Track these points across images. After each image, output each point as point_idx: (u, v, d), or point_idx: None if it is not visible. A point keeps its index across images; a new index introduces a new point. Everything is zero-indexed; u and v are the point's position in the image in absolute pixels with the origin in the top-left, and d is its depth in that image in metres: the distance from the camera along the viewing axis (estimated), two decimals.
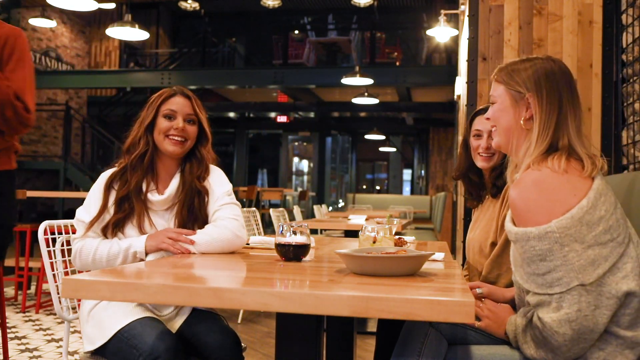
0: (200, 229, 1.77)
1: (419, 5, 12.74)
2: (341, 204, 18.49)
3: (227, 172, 1.98)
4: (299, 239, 1.50)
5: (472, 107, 2.98)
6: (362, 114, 14.19)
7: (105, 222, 1.74)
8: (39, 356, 3.10)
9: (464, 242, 2.23)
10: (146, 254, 1.70)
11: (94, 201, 1.78)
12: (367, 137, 15.71)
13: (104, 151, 11.53)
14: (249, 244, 1.90)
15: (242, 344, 1.74)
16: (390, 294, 1.02)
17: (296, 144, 19.78)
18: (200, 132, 1.86)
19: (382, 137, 15.55)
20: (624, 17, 2.69)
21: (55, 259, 1.87)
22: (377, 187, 20.48)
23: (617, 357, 1.29)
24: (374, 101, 9.46)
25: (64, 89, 11.88)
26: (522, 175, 1.35)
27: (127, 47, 13.20)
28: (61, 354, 3.13)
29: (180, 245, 1.67)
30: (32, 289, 5.04)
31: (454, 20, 6.61)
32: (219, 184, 1.87)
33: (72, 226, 1.99)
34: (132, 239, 1.72)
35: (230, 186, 1.90)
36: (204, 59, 12.45)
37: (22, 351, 3.18)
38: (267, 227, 9.99)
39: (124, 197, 1.75)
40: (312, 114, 14.60)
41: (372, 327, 3.74)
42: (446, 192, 9.38)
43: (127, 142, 1.83)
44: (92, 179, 10.24)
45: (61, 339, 3.44)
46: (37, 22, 9.23)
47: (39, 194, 5.32)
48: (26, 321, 3.90)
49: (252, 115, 14.82)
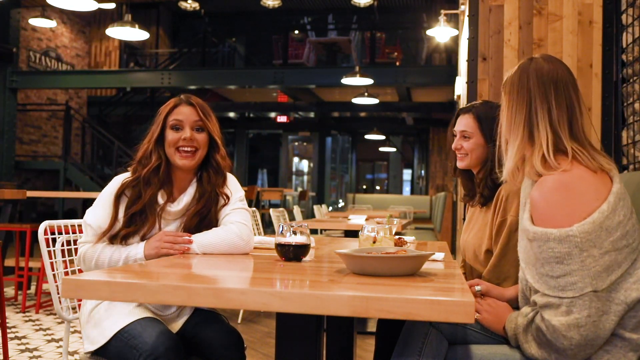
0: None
1: (419, 5, 12.73)
2: (341, 204, 18.49)
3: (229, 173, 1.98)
4: (299, 239, 1.51)
5: None
6: (362, 114, 14.19)
7: (114, 232, 1.71)
8: (39, 356, 3.10)
9: (460, 241, 2.22)
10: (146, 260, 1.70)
11: (103, 208, 1.74)
12: (367, 137, 15.71)
13: (104, 151, 11.52)
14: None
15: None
16: (390, 294, 1.02)
17: (296, 144, 19.78)
18: (211, 139, 1.83)
19: (382, 137, 15.56)
20: (624, 17, 2.69)
21: (55, 259, 1.87)
22: (377, 187, 20.48)
23: (621, 359, 1.29)
24: (374, 101, 9.46)
25: (64, 89, 11.88)
26: (545, 176, 1.33)
27: (127, 47, 13.19)
28: (61, 354, 3.13)
29: (180, 246, 1.66)
30: (32, 289, 5.04)
31: (454, 20, 6.61)
32: (233, 190, 1.87)
33: (73, 226, 1.99)
34: (131, 247, 1.70)
35: (243, 192, 1.90)
36: (204, 59, 12.44)
37: (22, 351, 3.18)
38: (267, 227, 9.99)
39: (137, 212, 1.72)
40: (312, 114, 14.60)
41: (372, 327, 3.74)
42: (446, 192, 9.38)
43: (139, 155, 1.79)
44: (92, 179, 10.25)
45: (61, 339, 3.44)
46: (37, 22, 9.23)
47: (39, 194, 5.33)
48: (26, 321, 3.90)
49: (252, 115, 14.82)
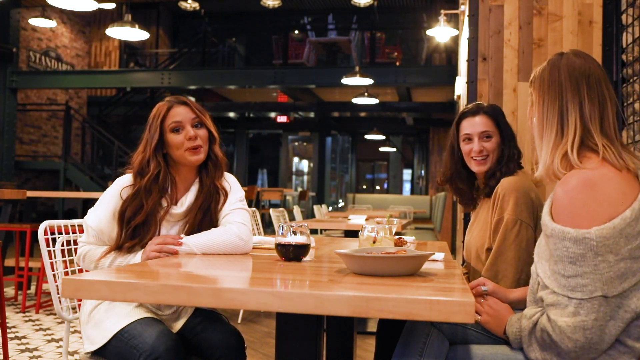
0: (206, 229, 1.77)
1: (419, 5, 12.73)
2: (341, 204, 18.50)
3: (227, 171, 1.98)
4: (299, 239, 1.51)
5: None
6: (362, 114, 14.19)
7: (120, 244, 1.71)
8: (39, 356, 3.10)
9: (464, 242, 2.22)
10: None
11: (104, 211, 1.74)
12: (367, 137, 15.72)
13: (104, 151, 11.53)
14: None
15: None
16: (390, 294, 1.02)
17: (296, 144, 19.78)
18: (209, 133, 1.85)
19: (382, 137, 15.55)
20: (624, 17, 2.69)
21: (55, 259, 1.87)
22: (377, 187, 20.48)
23: None
24: (374, 101, 9.46)
25: (64, 89, 11.88)
26: (571, 172, 1.31)
27: (127, 47, 13.18)
28: (61, 354, 3.13)
29: (168, 247, 1.64)
30: (32, 289, 5.04)
31: (454, 20, 6.61)
32: (233, 190, 1.87)
33: (73, 226, 1.99)
34: (130, 257, 1.70)
35: (243, 193, 1.90)
36: (204, 59, 12.45)
37: (22, 351, 3.18)
38: (267, 227, 9.99)
39: (141, 223, 1.71)
40: (312, 114, 14.59)
41: (372, 327, 3.74)
42: (446, 192, 9.38)
43: (136, 165, 1.78)
44: (92, 179, 10.24)
45: (61, 339, 3.44)
46: (37, 22, 9.23)
47: (39, 194, 5.33)
48: (26, 321, 3.90)
49: (252, 115, 14.81)
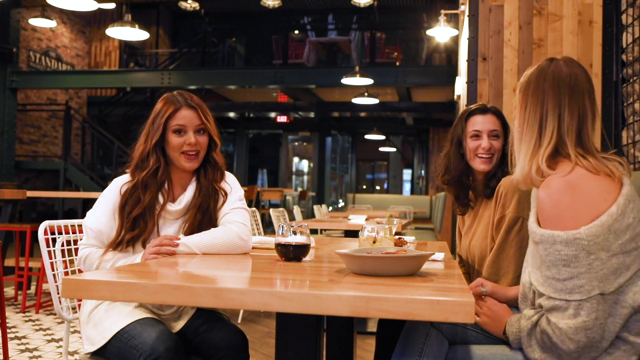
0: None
1: (419, 5, 12.73)
2: (341, 204, 18.50)
3: (227, 171, 1.98)
4: (299, 239, 1.50)
5: None
6: (362, 114, 14.19)
7: (119, 239, 1.71)
8: (39, 356, 3.10)
9: (460, 243, 2.20)
10: None
11: (103, 212, 1.74)
12: (367, 137, 15.71)
13: (104, 151, 11.53)
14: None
15: None
16: (390, 294, 1.02)
17: (296, 144, 19.78)
18: (210, 138, 1.84)
19: (382, 137, 15.55)
20: (624, 17, 2.69)
21: (55, 259, 1.87)
22: (377, 187, 20.48)
23: None
24: (374, 101, 9.46)
25: (64, 89, 11.88)
26: (551, 176, 1.31)
27: (127, 47, 13.19)
28: (61, 354, 3.13)
29: (165, 248, 1.64)
30: (32, 289, 5.04)
31: (454, 20, 6.61)
32: (233, 189, 1.87)
33: (73, 226, 1.99)
34: (131, 258, 1.71)
35: (242, 192, 1.90)
36: (204, 59, 12.45)
37: (22, 351, 3.18)
38: (267, 227, 9.99)
39: (139, 215, 1.72)
40: (312, 114, 14.59)
41: (372, 327, 3.74)
42: (446, 192, 9.37)
43: (136, 157, 1.78)
44: (92, 179, 10.24)
45: (61, 339, 3.44)
46: (37, 22, 9.23)
47: (39, 194, 5.33)
48: (26, 321, 3.90)
49: (252, 115, 14.82)
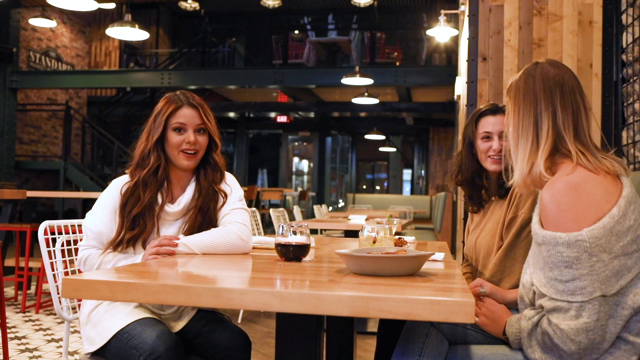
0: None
1: (419, 5, 12.73)
2: (341, 204, 18.49)
3: (227, 172, 1.98)
4: (299, 239, 1.50)
5: (472, 107, 2.98)
6: (362, 114, 14.18)
7: (119, 238, 1.71)
8: (39, 356, 3.10)
9: (464, 242, 2.21)
10: None
11: (103, 213, 1.74)
12: (367, 137, 15.71)
13: (104, 151, 11.52)
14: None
15: None
16: (390, 294, 1.02)
17: (296, 144, 19.77)
18: (210, 139, 1.84)
19: (382, 137, 15.55)
20: (624, 17, 2.69)
21: (55, 259, 1.86)
22: (377, 187, 20.48)
23: None
24: (374, 101, 9.46)
25: (64, 89, 11.88)
26: (554, 177, 1.32)
27: (127, 47, 13.18)
28: (61, 354, 3.13)
29: (165, 249, 1.64)
30: (32, 289, 5.04)
31: (454, 20, 6.61)
32: (233, 190, 1.87)
33: (73, 226, 1.99)
34: (132, 259, 1.71)
35: (242, 192, 1.90)
36: (204, 59, 12.44)
37: (22, 351, 3.18)
38: (267, 227, 9.99)
39: (138, 214, 1.72)
40: (312, 114, 14.59)
41: (372, 327, 3.74)
42: (446, 192, 9.38)
43: (137, 155, 1.79)
44: (92, 179, 10.24)
45: (61, 339, 3.44)
46: (37, 22, 9.22)
47: (39, 194, 5.33)
48: (26, 321, 3.90)
49: (252, 115, 14.81)
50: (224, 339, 1.69)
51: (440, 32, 6.06)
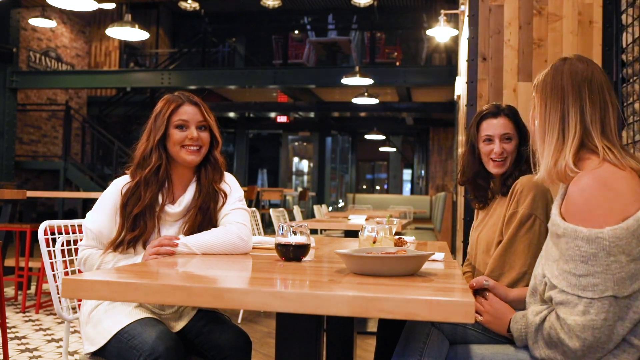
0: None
1: (419, 5, 12.73)
2: (341, 204, 18.49)
3: (227, 172, 1.98)
4: (299, 239, 1.50)
5: (472, 107, 2.98)
6: (362, 114, 14.19)
7: (119, 239, 1.72)
8: (39, 356, 3.10)
9: (464, 242, 2.22)
10: None
11: (103, 213, 1.75)
12: (367, 137, 15.72)
13: (104, 151, 11.52)
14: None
15: None
16: (390, 294, 1.02)
17: (296, 144, 19.77)
18: (211, 136, 1.85)
19: (382, 137, 15.55)
20: (624, 17, 2.69)
21: (55, 259, 1.87)
22: (377, 187, 20.48)
23: None
24: (374, 101, 9.46)
25: (64, 89, 11.88)
26: (582, 172, 1.32)
27: (127, 47, 13.19)
28: (61, 354, 3.13)
29: (165, 249, 1.64)
30: (32, 289, 5.04)
31: (454, 20, 6.61)
32: (233, 190, 1.88)
33: (73, 226, 1.99)
34: (132, 259, 1.71)
35: (242, 192, 1.90)
36: (204, 59, 12.44)
37: (22, 351, 3.18)
38: (267, 227, 9.99)
39: (139, 214, 1.72)
40: (312, 114, 14.59)
41: (372, 327, 3.74)
42: (446, 192, 9.38)
43: (138, 155, 1.79)
44: (92, 179, 10.24)
45: (61, 339, 3.44)
46: (37, 22, 9.22)
47: (39, 194, 5.32)
48: (26, 321, 3.90)
49: (252, 115, 14.81)
50: (225, 339, 1.69)
51: (440, 32, 6.06)
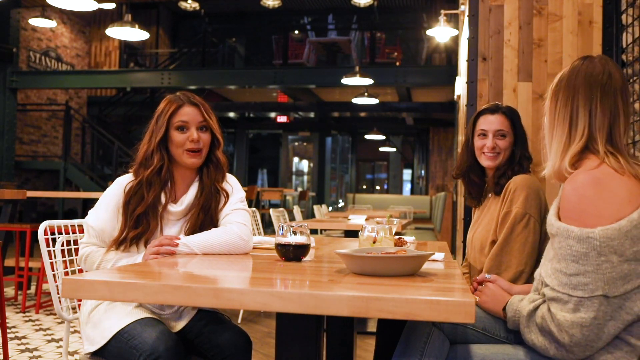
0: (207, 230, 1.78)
1: (419, 5, 12.73)
2: (341, 204, 18.49)
3: (228, 172, 1.98)
4: (299, 239, 1.51)
5: (472, 107, 2.98)
6: (362, 114, 14.18)
7: (122, 237, 1.72)
8: (39, 356, 3.10)
9: (464, 242, 2.23)
10: None
11: (105, 211, 1.75)
12: (367, 137, 15.71)
13: (104, 151, 11.52)
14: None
15: None
16: (390, 294, 1.02)
17: (296, 144, 19.77)
18: (212, 137, 1.85)
19: (382, 137, 15.55)
20: (624, 17, 2.69)
21: (55, 259, 1.87)
22: (377, 187, 20.48)
23: None
24: (374, 101, 9.46)
25: (64, 89, 11.87)
26: (578, 170, 1.33)
27: (127, 47, 13.18)
28: (61, 354, 3.13)
29: (165, 249, 1.65)
30: (32, 289, 5.04)
31: (454, 20, 6.61)
32: (234, 190, 1.88)
33: (73, 226, 1.99)
34: (133, 259, 1.71)
35: (243, 193, 1.91)
36: (204, 59, 12.43)
37: (22, 351, 3.18)
38: (267, 227, 9.99)
39: (142, 213, 1.73)
40: (312, 114, 14.59)
41: (372, 327, 3.74)
42: (446, 192, 9.38)
43: (140, 156, 1.80)
44: (92, 179, 10.23)
45: (61, 339, 3.44)
46: (37, 22, 9.22)
47: (39, 194, 5.32)
48: (26, 321, 3.90)
49: (252, 115, 14.81)
50: (225, 339, 1.69)
51: (440, 32, 6.06)
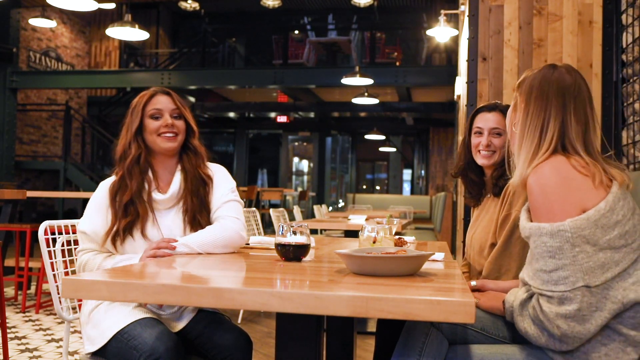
0: (206, 219, 1.81)
1: (419, 5, 12.72)
2: (341, 204, 18.49)
3: (221, 165, 2.00)
4: (299, 239, 1.51)
5: (472, 107, 2.98)
6: (362, 114, 14.18)
7: (115, 228, 1.74)
8: (39, 356, 3.10)
9: (464, 241, 2.23)
10: None
11: (96, 213, 1.78)
12: (367, 137, 15.70)
13: (104, 151, 11.52)
14: (248, 244, 1.91)
15: None
16: (390, 294, 1.02)
17: (296, 144, 19.77)
18: (187, 126, 1.89)
19: (382, 137, 15.54)
20: (624, 17, 2.69)
21: (55, 259, 1.87)
22: (377, 187, 20.48)
23: (619, 354, 1.30)
24: (374, 101, 9.46)
25: (64, 89, 11.87)
26: (539, 165, 1.35)
27: (127, 47, 13.18)
28: (61, 354, 3.13)
29: (162, 251, 1.65)
30: (32, 289, 5.04)
31: (454, 20, 6.61)
32: (224, 179, 1.91)
33: (73, 226, 1.99)
34: (130, 258, 1.72)
35: (234, 183, 1.93)
36: (204, 59, 12.44)
37: (22, 351, 3.18)
38: (267, 227, 9.99)
39: (129, 202, 1.76)
40: (312, 114, 14.59)
41: (372, 327, 3.74)
42: (446, 192, 9.38)
43: (119, 150, 1.85)
44: (92, 179, 10.24)
45: (61, 339, 3.44)
46: (37, 22, 9.22)
47: (39, 194, 5.32)
48: (26, 321, 3.90)
49: (252, 115, 14.81)
50: (226, 339, 1.70)
51: (440, 32, 6.06)
